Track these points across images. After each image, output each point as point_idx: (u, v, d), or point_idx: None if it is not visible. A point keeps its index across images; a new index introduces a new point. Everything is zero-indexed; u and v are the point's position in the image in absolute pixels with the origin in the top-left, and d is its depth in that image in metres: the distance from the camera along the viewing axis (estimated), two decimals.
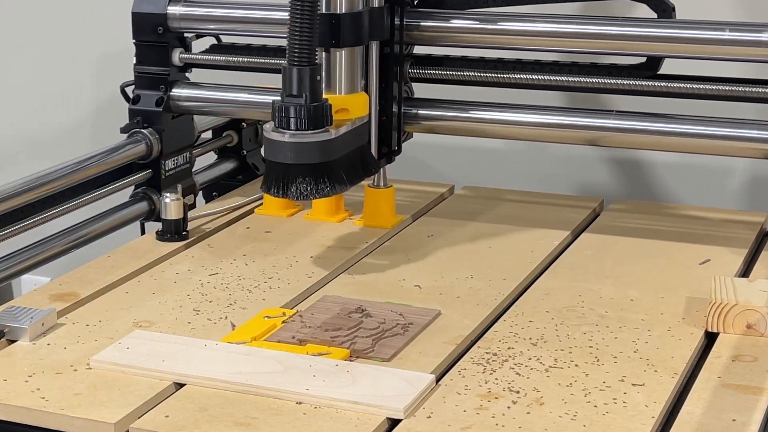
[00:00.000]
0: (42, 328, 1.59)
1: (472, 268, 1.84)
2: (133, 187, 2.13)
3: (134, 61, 2.16)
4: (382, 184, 2.07)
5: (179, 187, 2.01)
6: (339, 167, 1.78)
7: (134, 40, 2.16)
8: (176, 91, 2.15)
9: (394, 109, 2.03)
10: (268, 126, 1.76)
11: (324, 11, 1.84)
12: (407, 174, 2.48)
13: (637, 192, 2.39)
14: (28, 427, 1.40)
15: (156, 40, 2.13)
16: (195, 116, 2.22)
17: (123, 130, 2.13)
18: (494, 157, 2.49)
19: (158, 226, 1.99)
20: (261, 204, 2.13)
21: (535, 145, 2.46)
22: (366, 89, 1.96)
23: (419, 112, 2.09)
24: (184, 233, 1.96)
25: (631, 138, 2.01)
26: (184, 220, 1.97)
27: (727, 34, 1.89)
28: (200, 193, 2.27)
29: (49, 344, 1.57)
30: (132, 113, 2.14)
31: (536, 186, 2.39)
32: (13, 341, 1.58)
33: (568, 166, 2.45)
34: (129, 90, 2.18)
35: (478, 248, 1.94)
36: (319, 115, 1.73)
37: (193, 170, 2.22)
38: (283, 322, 1.62)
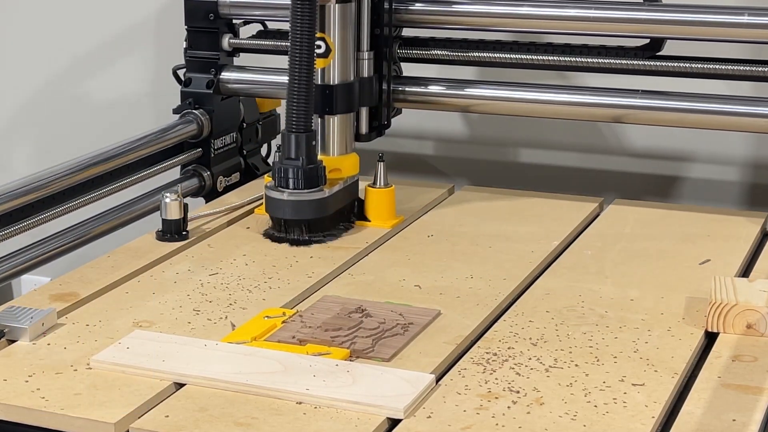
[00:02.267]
0: (42, 328, 1.59)
1: (472, 268, 1.84)
2: (180, 166, 2.27)
3: (185, 46, 2.29)
4: (382, 184, 2.07)
5: (179, 187, 2.01)
6: (332, 221, 1.98)
7: (186, 26, 2.28)
8: (225, 75, 2.29)
9: (384, 86, 2.19)
10: (269, 184, 1.97)
11: (319, 83, 2.03)
12: (407, 174, 2.48)
13: (637, 192, 2.39)
14: (28, 427, 1.40)
15: (207, 26, 2.27)
16: None
17: (176, 111, 2.27)
18: (494, 157, 2.49)
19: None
20: (261, 204, 2.13)
21: (535, 144, 2.46)
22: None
23: (407, 89, 2.23)
24: (184, 233, 1.96)
25: (655, 115, 2.11)
26: (184, 220, 1.97)
27: (746, 19, 2.01)
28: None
29: (49, 344, 1.57)
30: (184, 95, 2.28)
31: (536, 186, 2.40)
32: (13, 341, 1.57)
33: (568, 166, 2.45)
34: (180, 73, 2.32)
35: (478, 248, 1.94)
36: (314, 176, 1.95)
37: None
38: (283, 322, 1.62)
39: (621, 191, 2.38)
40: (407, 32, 2.25)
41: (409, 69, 2.26)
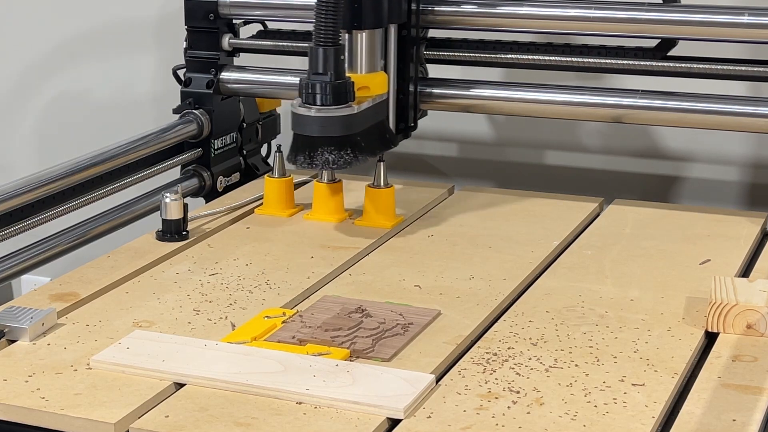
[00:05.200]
0: (42, 328, 1.59)
1: (472, 268, 1.84)
2: (180, 166, 2.27)
3: (185, 46, 2.29)
4: (382, 184, 2.06)
5: (179, 187, 2.02)
6: (361, 139, 1.92)
7: (186, 26, 2.28)
8: (225, 75, 2.29)
9: (411, 88, 2.18)
10: (296, 101, 1.90)
11: None
12: (407, 174, 2.48)
13: (637, 192, 2.39)
14: (28, 427, 1.40)
15: (207, 26, 2.27)
16: None
17: (176, 111, 2.27)
18: (494, 157, 2.49)
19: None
20: (261, 204, 2.13)
21: (535, 144, 2.46)
22: (385, 70, 2.08)
23: (433, 91, 2.22)
24: (184, 233, 1.96)
25: (655, 115, 2.12)
26: (184, 220, 1.97)
27: (746, 19, 2.01)
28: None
29: (49, 344, 1.57)
30: (184, 95, 2.28)
31: (536, 186, 2.40)
32: (13, 341, 1.58)
33: (569, 166, 2.45)
34: (180, 73, 2.32)
35: (478, 248, 1.94)
36: (342, 92, 1.88)
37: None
38: (283, 322, 1.62)
39: (621, 191, 2.38)
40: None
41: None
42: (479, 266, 1.85)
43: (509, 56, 2.19)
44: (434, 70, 2.27)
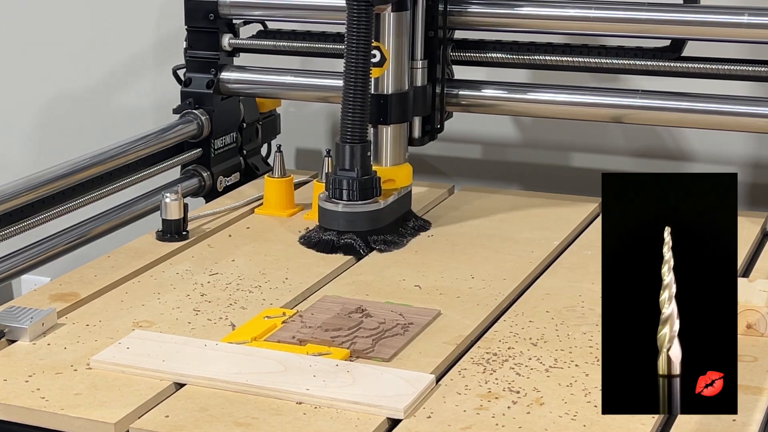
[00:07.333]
0: (42, 328, 1.59)
1: (472, 268, 1.84)
2: (180, 166, 2.27)
3: (185, 46, 2.29)
4: None
5: (179, 187, 2.02)
6: (387, 233, 1.93)
7: (186, 26, 2.28)
8: (225, 75, 2.29)
9: (437, 89, 2.16)
10: (323, 195, 1.93)
11: (373, 92, 1.98)
12: None
13: None
14: (28, 427, 1.40)
15: (207, 26, 2.27)
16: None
17: (176, 111, 2.27)
18: (494, 157, 2.49)
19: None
20: (261, 204, 2.13)
21: (535, 144, 2.46)
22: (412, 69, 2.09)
23: (459, 92, 2.20)
24: (184, 233, 1.96)
25: (655, 115, 2.11)
26: (184, 220, 1.97)
27: (746, 19, 2.01)
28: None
29: (49, 344, 1.57)
30: (184, 95, 2.28)
31: (536, 186, 2.39)
32: (13, 341, 1.58)
33: (569, 166, 2.45)
34: (180, 73, 2.32)
35: (478, 248, 1.94)
36: (368, 187, 1.92)
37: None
38: (283, 322, 1.62)
39: None
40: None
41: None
42: (479, 266, 1.85)
43: (525, 57, 2.17)
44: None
